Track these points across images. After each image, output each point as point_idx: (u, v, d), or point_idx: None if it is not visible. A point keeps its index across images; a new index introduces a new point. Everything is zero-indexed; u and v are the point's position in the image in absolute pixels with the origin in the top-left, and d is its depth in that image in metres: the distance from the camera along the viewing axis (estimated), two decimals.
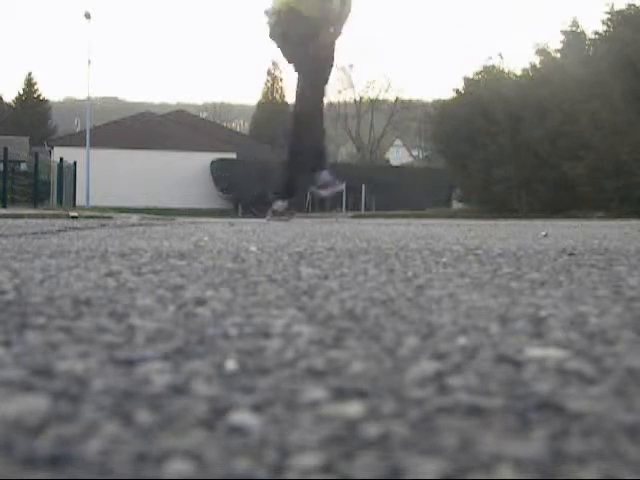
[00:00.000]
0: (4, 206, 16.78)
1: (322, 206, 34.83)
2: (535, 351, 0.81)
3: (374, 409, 0.59)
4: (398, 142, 65.47)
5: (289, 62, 7.07)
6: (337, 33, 6.99)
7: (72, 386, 0.66)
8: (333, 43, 7.03)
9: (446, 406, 0.60)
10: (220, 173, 38.46)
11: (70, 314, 1.04)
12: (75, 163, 28.95)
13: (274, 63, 67.03)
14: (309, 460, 0.48)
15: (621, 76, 18.10)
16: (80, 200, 28.59)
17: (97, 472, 0.47)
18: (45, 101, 71.58)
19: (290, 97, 7.64)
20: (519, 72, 23.35)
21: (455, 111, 23.35)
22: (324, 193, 7.17)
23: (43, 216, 9.10)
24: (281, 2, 6.77)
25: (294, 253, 2.26)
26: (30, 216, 8.70)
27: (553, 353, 0.80)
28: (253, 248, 2.49)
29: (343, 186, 7.40)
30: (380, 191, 35.90)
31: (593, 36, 20.81)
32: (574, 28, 21.84)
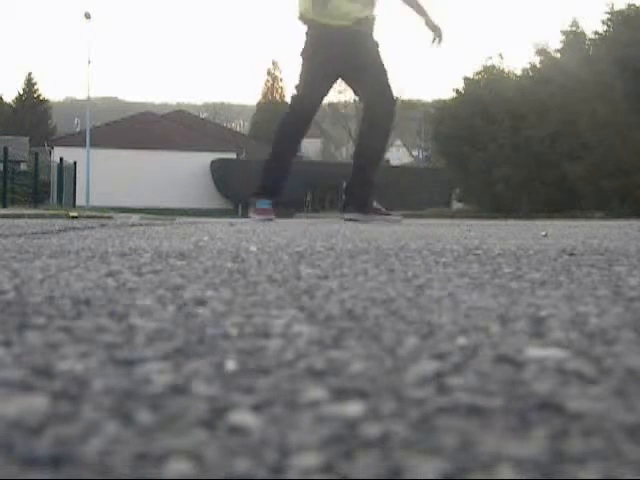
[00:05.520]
0: (4, 206, 16.80)
1: (322, 205, 34.81)
2: (535, 351, 0.81)
3: (374, 409, 0.59)
4: (398, 142, 65.43)
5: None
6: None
7: (72, 386, 0.66)
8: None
9: (446, 406, 0.60)
10: (220, 173, 38.49)
11: (70, 314, 1.04)
12: (75, 163, 28.96)
13: (274, 63, 67.07)
14: (309, 460, 0.48)
15: (621, 76, 18.12)
16: (80, 200, 28.60)
17: (97, 472, 0.47)
18: (45, 101, 71.59)
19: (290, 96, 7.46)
20: (519, 72, 23.39)
21: (455, 111, 23.37)
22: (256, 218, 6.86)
23: (43, 216, 9.10)
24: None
25: (294, 253, 2.26)
26: (30, 216, 8.71)
27: (553, 353, 0.80)
28: (253, 248, 2.49)
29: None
30: (380, 191, 35.85)
31: (593, 36, 20.84)
32: (574, 28, 21.87)
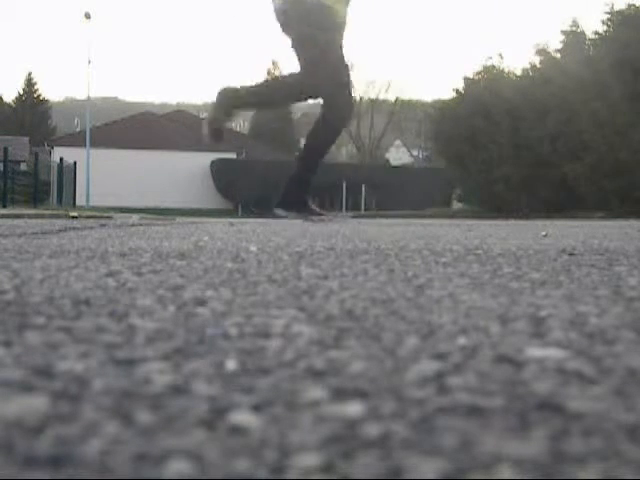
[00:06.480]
0: (4, 206, 16.79)
1: (321, 206, 34.79)
2: (535, 351, 0.81)
3: (374, 409, 0.59)
4: (398, 142, 65.46)
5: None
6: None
7: (72, 386, 0.66)
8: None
9: (446, 406, 0.60)
10: (220, 173, 38.49)
11: (70, 314, 1.04)
12: (75, 163, 28.98)
13: (274, 63, 66.92)
14: (309, 460, 0.48)
15: (621, 76, 18.12)
16: (80, 200, 28.59)
17: (97, 472, 0.47)
18: (45, 101, 71.48)
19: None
20: (519, 72, 23.38)
21: (455, 111, 23.36)
22: None
23: (43, 216, 9.10)
24: None
25: (294, 253, 2.26)
26: (30, 216, 8.70)
27: (553, 353, 0.80)
28: (253, 248, 2.48)
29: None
30: (380, 191, 35.87)
31: (593, 36, 20.84)
32: (574, 28, 21.87)
